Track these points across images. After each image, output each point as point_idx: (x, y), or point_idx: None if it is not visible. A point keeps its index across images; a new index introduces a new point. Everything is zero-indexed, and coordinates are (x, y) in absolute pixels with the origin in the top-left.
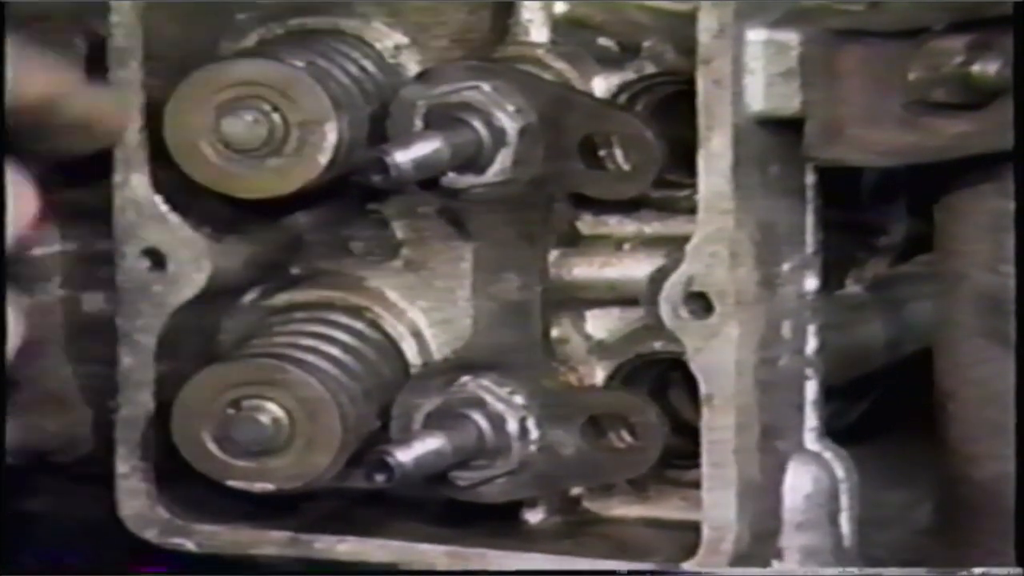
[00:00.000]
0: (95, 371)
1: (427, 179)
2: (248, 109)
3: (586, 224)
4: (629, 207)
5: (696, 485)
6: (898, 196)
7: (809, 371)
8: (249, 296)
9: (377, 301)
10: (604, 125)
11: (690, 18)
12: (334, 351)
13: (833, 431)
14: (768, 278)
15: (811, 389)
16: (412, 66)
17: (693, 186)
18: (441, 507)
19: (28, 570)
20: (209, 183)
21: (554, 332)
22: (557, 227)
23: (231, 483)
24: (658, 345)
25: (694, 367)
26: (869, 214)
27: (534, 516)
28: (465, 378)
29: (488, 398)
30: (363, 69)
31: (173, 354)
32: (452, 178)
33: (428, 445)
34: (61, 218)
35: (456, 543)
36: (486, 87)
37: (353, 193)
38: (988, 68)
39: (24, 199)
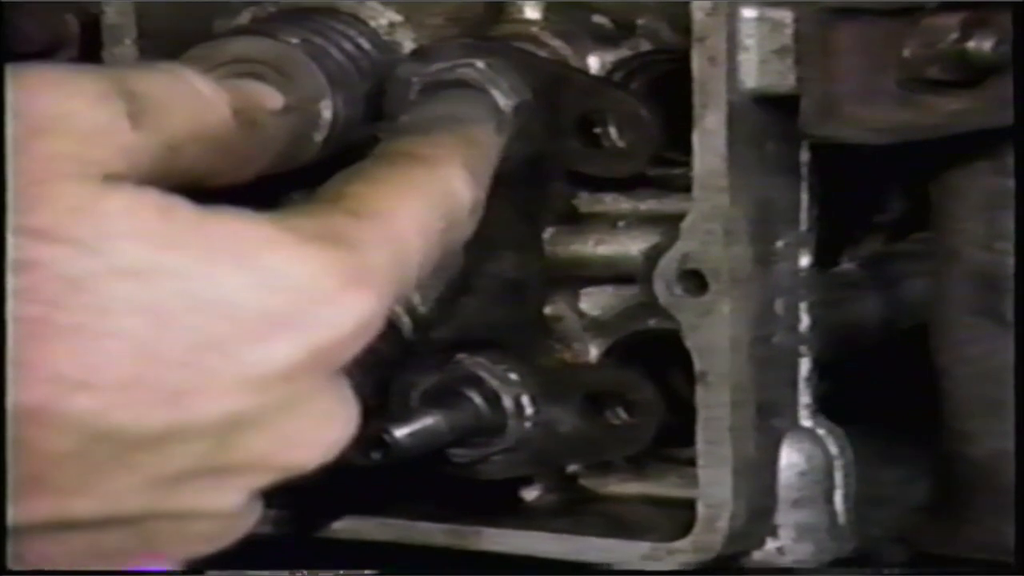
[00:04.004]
0: None
1: None
2: None
3: (581, 202)
4: (625, 185)
5: (693, 463)
6: (894, 174)
7: (803, 348)
8: None
9: None
10: (600, 103)
11: None
12: None
13: (828, 408)
14: (763, 255)
15: (805, 366)
16: (407, 44)
17: (689, 164)
18: (439, 485)
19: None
20: None
21: (548, 309)
22: (553, 205)
23: None
24: (653, 322)
25: (689, 344)
26: (864, 191)
27: (530, 494)
28: (461, 356)
29: (484, 375)
30: (358, 47)
31: None
32: None
33: (425, 422)
34: None
35: (453, 521)
36: (481, 64)
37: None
38: (983, 45)
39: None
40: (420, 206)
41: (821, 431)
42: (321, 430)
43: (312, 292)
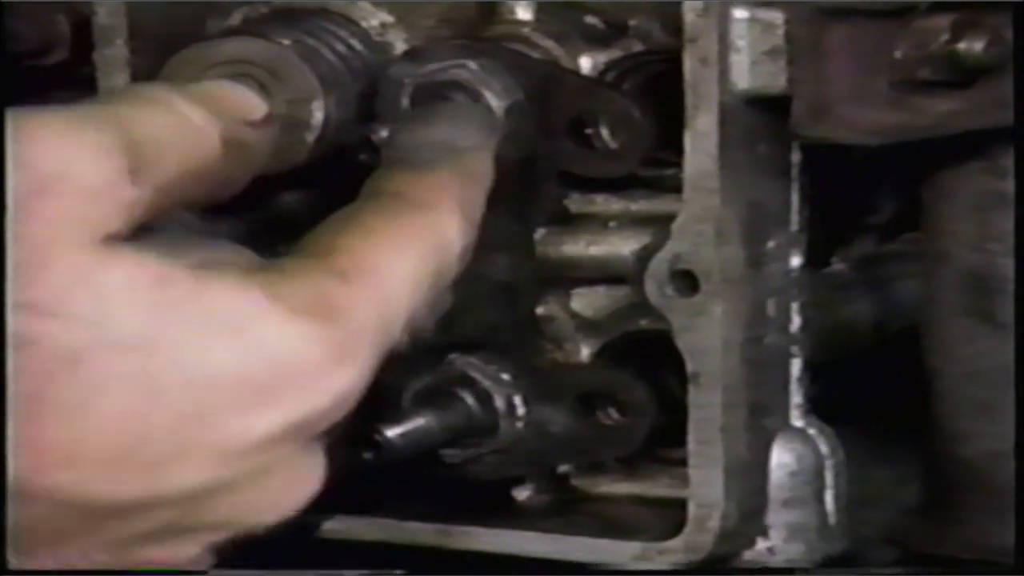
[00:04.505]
0: None
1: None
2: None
3: (573, 202)
4: (617, 185)
5: (684, 463)
6: (885, 175)
7: (794, 349)
8: None
9: None
10: (592, 103)
11: None
12: None
13: (819, 409)
14: (754, 256)
15: (796, 367)
16: (399, 45)
17: (680, 164)
18: (430, 485)
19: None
20: None
21: (540, 310)
22: (545, 206)
23: None
24: (645, 323)
25: (680, 345)
26: (856, 192)
27: (522, 494)
28: (453, 356)
29: (476, 376)
30: (350, 47)
31: None
32: None
33: (417, 423)
34: None
35: (444, 521)
36: (473, 65)
37: (341, 172)
38: (974, 46)
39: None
40: (412, 259)
41: (812, 431)
42: (287, 495)
43: (297, 365)
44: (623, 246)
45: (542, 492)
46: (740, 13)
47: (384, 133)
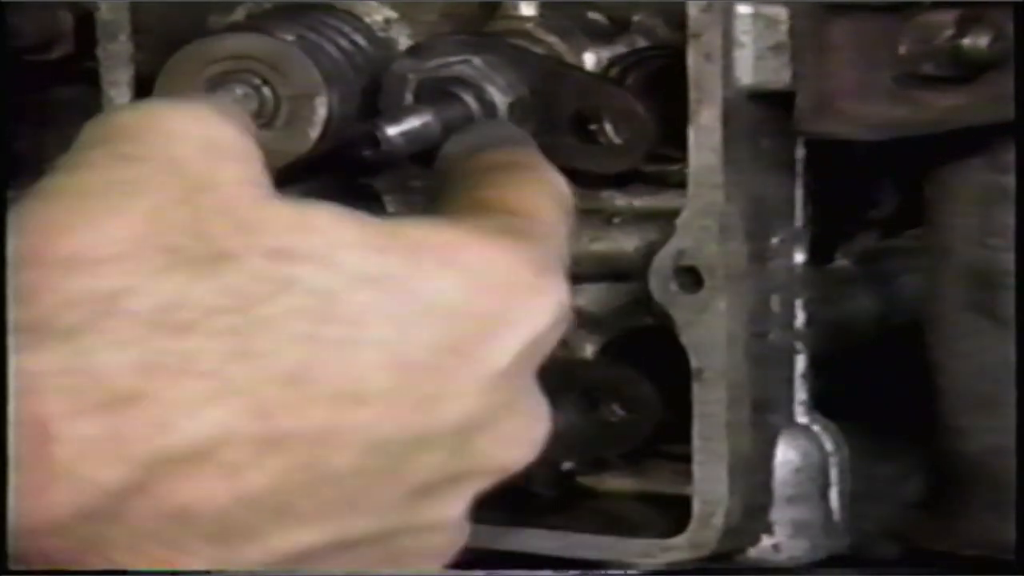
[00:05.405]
0: None
1: (418, 153)
2: (238, 83)
3: (576, 198)
4: (620, 181)
5: (688, 459)
6: (888, 170)
7: (798, 345)
8: None
9: None
10: (595, 99)
11: None
12: None
13: (823, 405)
14: (758, 252)
15: (800, 363)
16: (402, 40)
17: (684, 160)
18: None
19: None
20: None
21: None
22: None
23: None
24: (648, 319)
25: (684, 341)
26: (859, 188)
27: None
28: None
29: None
30: (353, 43)
31: None
32: None
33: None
34: None
35: None
36: (477, 61)
37: (344, 167)
38: (978, 41)
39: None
40: (554, 206)
41: (817, 428)
42: (530, 427)
43: (515, 285)
44: (627, 242)
45: (546, 488)
46: (744, 8)
47: (387, 128)
